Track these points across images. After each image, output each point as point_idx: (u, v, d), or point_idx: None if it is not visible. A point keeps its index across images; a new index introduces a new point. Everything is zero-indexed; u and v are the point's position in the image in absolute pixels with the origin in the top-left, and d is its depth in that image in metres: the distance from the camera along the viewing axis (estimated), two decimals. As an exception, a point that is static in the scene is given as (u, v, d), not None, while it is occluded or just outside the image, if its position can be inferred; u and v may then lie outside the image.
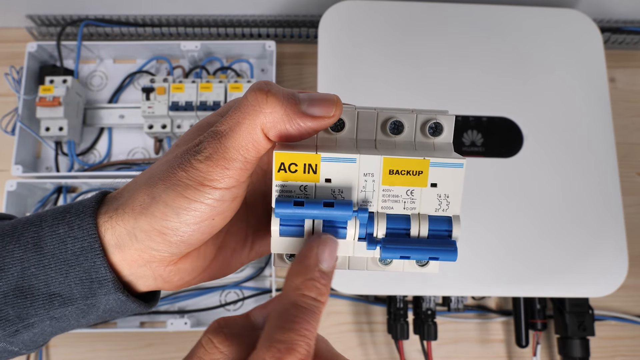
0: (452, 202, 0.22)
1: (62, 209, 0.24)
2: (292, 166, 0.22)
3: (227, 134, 0.22)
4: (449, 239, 0.22)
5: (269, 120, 0.22)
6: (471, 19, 0.58)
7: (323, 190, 0.22)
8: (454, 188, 0.22)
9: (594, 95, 0.57)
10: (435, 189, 0.22)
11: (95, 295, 0.24)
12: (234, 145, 0.22)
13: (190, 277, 0.26)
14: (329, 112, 0.22)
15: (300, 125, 0.22)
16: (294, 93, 0.22)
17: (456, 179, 0.22)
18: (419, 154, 0.22)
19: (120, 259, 0.24)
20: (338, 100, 0.22)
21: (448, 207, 0.22)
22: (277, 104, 0.22)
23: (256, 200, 0.28)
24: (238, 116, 0.22)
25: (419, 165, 0.22)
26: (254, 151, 0.22)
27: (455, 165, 0.22)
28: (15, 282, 0.23)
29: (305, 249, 0.22)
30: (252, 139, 0.22)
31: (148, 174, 0.24)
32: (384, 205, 0.22)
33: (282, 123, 0.22)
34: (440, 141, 0.24)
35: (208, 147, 0.22)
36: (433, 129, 0.24)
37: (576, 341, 0.55)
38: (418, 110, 0.24)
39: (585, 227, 0.53)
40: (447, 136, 0.24)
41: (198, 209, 0.22)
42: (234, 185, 0.22)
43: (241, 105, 0.22)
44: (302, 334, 0.20)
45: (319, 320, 0.21)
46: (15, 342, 0.24)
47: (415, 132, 0.24)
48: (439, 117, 0.23)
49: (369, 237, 0.22)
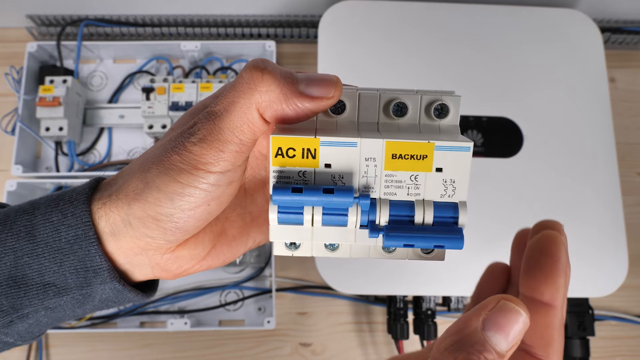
0: (459, 187, 0.21)
1: (55, 197, 0.24)
2: (290, 151, 0.21)
3: (222, 115, 0.21)
4: (455, 226, 0.21)
5: (264, 100, 0.20)
6: (471, 19, 0.58)
7: (323, 176, 0.21)
8: (461, 173, 0.21)
9: (594, 95, 0.57)
10: (441, 173, 0.21)
11: (90, 285, 0.23)
12: (229, 126, 0.21)
13: (188, 265, 0.25)
14: (328, 93, 0.21)
15: (298, 106, 0.21)
16: (291, 72, 0.21)
17: (463, 163, 0.21)
18: (423, 137, 0.21)
19: (116, 247, 0.23)
20: (338, 81, 0.21)
21: (454, 192, 0.21)
22: (274, 82, 0.20)
23: (256, 186, 0.27)
24: (232, 95, 0.21)
25: (423, 149, 0.21)
26: (250, 132, 0.21)
27: (462, 148, 0.21)
28: (9, 271, 0.23)
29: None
30: (247, 119, 0.21)
31: (142, 159, 0.23)
32: (386, 191, 0.21)
33: (278, 103, 0.21)
34: (446, 123, 0.22)
35: (202, 128, 0.21)
36: (439, 110, 0.22)
37: (576, 341, 0.55)
38: (423, 91, 0.22)
39: (585, 227, 0.53)
40: (454, 118, 0.22)
41: (192, 194, 0.21)
42: (229, 168, 0.22)
43: (236, 84, 0.21)
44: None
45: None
46: (10, 333, 0.24)
47: (420, 114, 0.22)
48: (444, 98, 0.22)
49: (371, 224, 0.21)
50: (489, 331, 0.18)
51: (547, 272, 0.21)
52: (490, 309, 0.19)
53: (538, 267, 0.21)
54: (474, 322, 0.19)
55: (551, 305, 0.21)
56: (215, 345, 0.56)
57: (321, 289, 0.58)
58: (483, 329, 0.18)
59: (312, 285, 0.58)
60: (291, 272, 0.59)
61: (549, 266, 0.21)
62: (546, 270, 0.21)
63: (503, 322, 0.18)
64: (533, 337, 0.21)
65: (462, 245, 0.20)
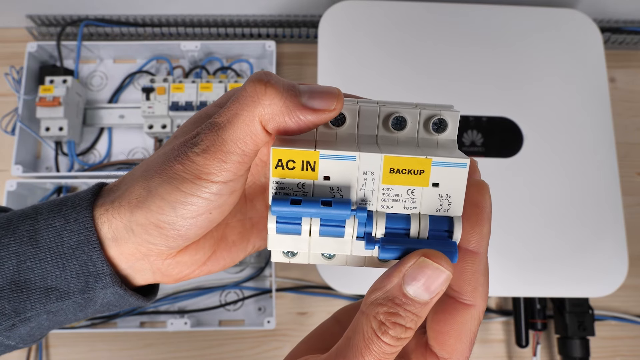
0: (454, 202, 0.22)
1: (58, 202, 0.24)
2: (289, 163, 0.21)
3: (225, 126, 0.21)
4: (449, 240, 0.22)
5: (267, 112, 0.21)
6: (471, 19, 0.58)
7: (321, 189, 0.21)
8: (457, 188, 0.21)
9: (594, 95, 0.57)
10: (437, 188, 0.21)
11: (92, 289, 0.23)
12: (232, 137, 0.21)
13: (189, 270, 0.25)
14: (330, 106, 0.21)
15: (300, 119, 0.21)
16: (294, 85, 0.22)
17: (459, 179, 0.21)
18: (421, 152, 0.21)
19: (118, 253, 0.23)
20: (339, 93, 0.22)
21: (450, 207, 0.22)
22: (276, 95, 0.21)
23: (255, 192, 0.28)
24: (236, 107, 0.21)
25: (421, 164, 0.21)
26: (252, 144, 0.21)
27: (458, 165, 0.21)
28: (11, 275, 0.23)
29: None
30: (250, 132, 0.21)
31: (144, 166, 0.23)
32: (383, 205, 0.22)
33: (281, 115, 0.21)
34: (444, 138, 0.23)
35: (205, 139, 0.21)
36: (437, 125, 0.23)
37: (576, 341, 0.55)
38: (422, 104, 0.23)
39: (585, 227, 0.53)
40: (452, 133, 0.23)
41: (195, 203, 0.22)
42: (231, 179, 0.22)
43: (239, 96, 0.21)
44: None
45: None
46: (12, 337, 0.24)
47: (419, 128, 0.23)
48: (443, 113, 0.23)
49: (367, 236, 0.22)
50: (408, 286, 0.20)
51: (472, 221, 0.21)
52: (410, 265, 0.20)
53: (464, 216, 0.22)
54: (395, 277, 0.20)
55: (476, 252, 0.22)
56: (215, 345, 0.56)
57: (321, 289, 0.58)
58: (404, 283, 0.20)
59: (312, 285, 0.58)
60: (291, 272, 0.59)
61: (475, 215, 0.21)
62: (472, 219, 0.21)
63: (421, 277, 0.20)
64: (460, 283, 0.22)
65: (456, 259, 0.21)
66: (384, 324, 0.20)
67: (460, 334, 0.22)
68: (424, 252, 0.20)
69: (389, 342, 0.20)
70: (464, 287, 0.22)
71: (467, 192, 0.21)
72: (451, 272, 0.20)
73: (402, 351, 0.22)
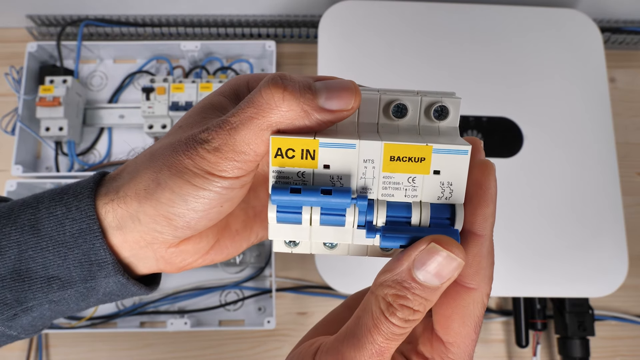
0: (456, 190, 0.21)
1: (59, 191, 0.24)
2: (289, 152, 0.21)
3: (238, 127, 0.21)
4: (451, 227, 0.21)
5: (286, 118, 0.21)
6: (471, 18, 0.58)
7: (321, 177, 0.21)
8: (458, 175, 0.21)
9: (594, 95, 0.57)
10: (438, 176, 0.21)
11: (94, 278, 0.23)
12: (245, 139, 0.21)
13: (192, 258, 0.25)
14: (347, 105, 0.21)
15: (319, 119, 0.21)
16: (310, 84, 0.21)
17: (460, 166, 0.21)
18: (422, 139, 0.21)
19: (121, 241, 0.23)
20: (356, 88, 0.21)
21: (451, 195, 0.21)
22: (294, 101, 0.20)
23: (259, 181, 0.27)
24: (251, 111, 0.21)
25: (421, 151, 0.21)
26: (264, 146, 0.21)
27: (460, 152, 0.21)
28: (13, 265, 0.23)
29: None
30: (264, 135, 0.21)
31: (149, 155, 0.23)
32: (384, 193, 0.21)
33: (300, 120, 0.21)
34: (445, 125, 0.22)
35: (217, 137, 0.21)
36: (438, 112, 0.22)
37: (576, 341, 0.55)
38: (423, 92, 0.22)
39: (585, 227, 0.53)
40: (453, 120, 0.22)
41: (207, 197, 0.22)
42: (242, 174, 0.22)
43: (255, 100, 0.21)
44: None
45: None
46: (14, 327, 0.24)
47: (420, 115, 0.23)
48: (444, 99, 0.22)
49: (368, 224, 0.21)
50: (418, 270, 0.20)
51: (475, 202, 0.21)
52: (420, 250, 0.20)
53: (467, 198, 0.21)
54: (405, 261, 0.20)
55: (480, 235, 0.21)
56: (215, 345, 0.56)
57: (321, 289, 0.58)
58: (413, 267, 0.20)
59: (312, 285, 0.58)
60: (291, 272, 0.59)
61: (478, 197, 0.21)
62: (475, 200, 0.21)
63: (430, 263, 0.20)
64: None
65: None
66: (392, 305, 0.20)
67: (464, 318, 0.21)
68: (434, 238, 0.20)
69: (396, 323, 0.20)
70: (466, 270, 0.21)
71: (471, 172, 0.21)
72: (463, 260, 0.20)
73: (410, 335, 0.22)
